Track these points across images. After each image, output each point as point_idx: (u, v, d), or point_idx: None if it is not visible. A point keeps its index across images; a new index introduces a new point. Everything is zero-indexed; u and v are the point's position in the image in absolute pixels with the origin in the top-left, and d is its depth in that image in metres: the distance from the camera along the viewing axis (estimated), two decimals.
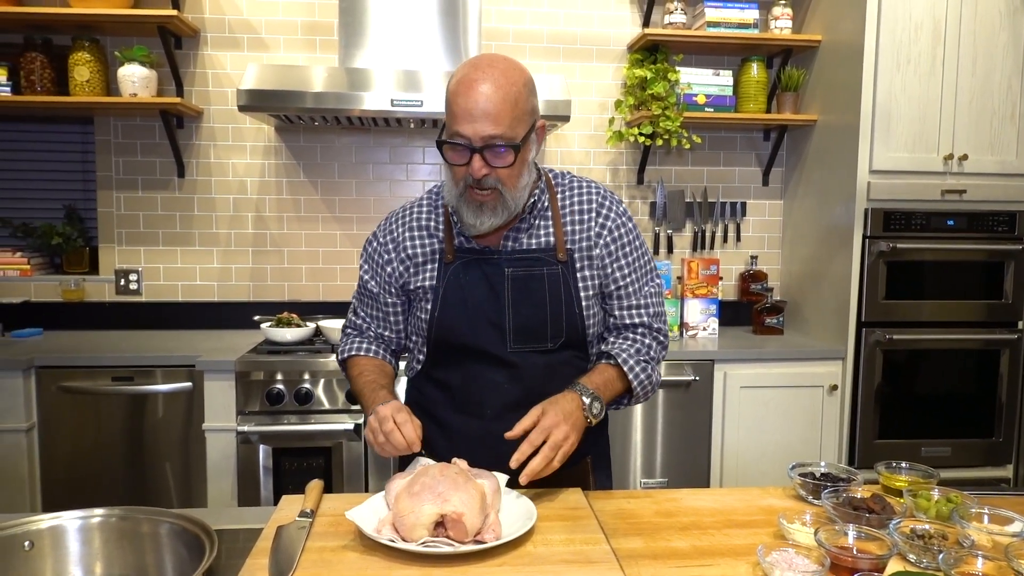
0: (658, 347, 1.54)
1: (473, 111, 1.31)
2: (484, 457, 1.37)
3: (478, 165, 1.34)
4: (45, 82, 2.91)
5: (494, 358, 1.45)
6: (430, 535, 1.12)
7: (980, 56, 2.83)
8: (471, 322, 1.45)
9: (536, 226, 1.49)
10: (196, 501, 2.65)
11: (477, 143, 1.33)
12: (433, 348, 1.51)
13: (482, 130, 1.32)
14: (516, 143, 1.34)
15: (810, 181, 3.24)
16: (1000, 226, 2.91)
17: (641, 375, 1.48)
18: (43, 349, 2.72)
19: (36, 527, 1.08)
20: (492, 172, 1.35)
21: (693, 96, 3.15)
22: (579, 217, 1.51)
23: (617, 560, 1.12)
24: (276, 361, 2.62)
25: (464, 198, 1.39)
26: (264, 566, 1.06)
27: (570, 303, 1.46)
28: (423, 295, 1.50)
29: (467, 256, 1.48)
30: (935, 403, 2.95)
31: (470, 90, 1.32)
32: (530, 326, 1.45)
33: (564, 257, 1.48)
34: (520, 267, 1.46)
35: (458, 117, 1.33)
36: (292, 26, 3.19)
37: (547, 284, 1.45)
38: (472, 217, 1.39)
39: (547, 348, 1.46)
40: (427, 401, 1.54)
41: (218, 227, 3.23)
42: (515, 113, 1.34)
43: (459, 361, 1.48)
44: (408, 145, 3.29)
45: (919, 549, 1.09)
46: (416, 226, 1.53)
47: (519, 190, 1.41)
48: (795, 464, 1.43)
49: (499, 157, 1.34)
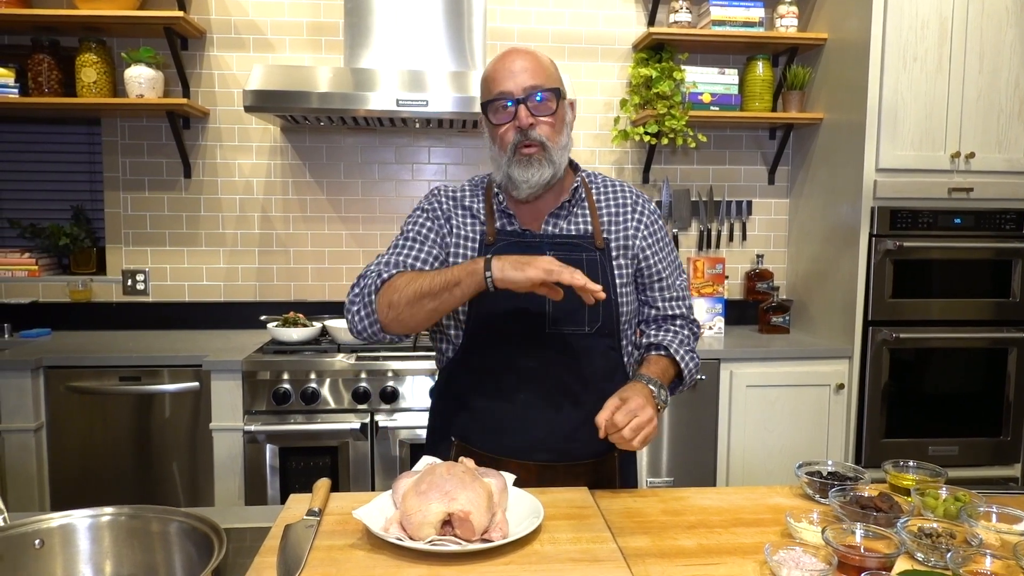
0: (694, 338, 1.64)
1: (512, 68, 1.44)
2: (516, 443, 1.43)
3: (524, 114, 1.43)
4: (52, 84, 2.93)
5: (530, 342, 1.48)
6: (437, 534, 1.12)
7: (987, 53, 2.82)
8: (509, 304, 1.47)
9: (575, 214, 1.56)
10: (203, 500, 2.66)
11: (519, 94, 1.43)
12: (471, 332, 1.52)
13: (522, 82, 1.43)
14: (556, 88, 1.45)
15: (816, 180, 3.23)
16: (1008, 224, 2.90)
17: (690, 363, 1.57)
18: (51, 349, 2.73)
19: (46, 525, 1.09)
20: (536, 123, 1.44)
21: (698, 95, 3.15)
22: (615, 211, 1.58)
23: (624, 559, 1.12)
24: (282, 361, 2.62)
25: (513, 160, 1.46)
26: (272, 564, 1.07)
27: (607, 289, 1.48)
28: None
29: (508, 238, 1.52)
30: (942, 402, 2.94)
31: (505, 58, 1.46)
32: (569, 309, 1.46)
33: (602, 245, 1.53)
34: (560, 251, 1.50)
35: (498, 78, 1.45)
36: (298, 27, 3.19)
37: (586, 268, 1.47)
38: (523, 173, 1.45)
39: (584, 332, 1.48)
40: (460, 388, 1.56)
41: (224, 227, 3.24)
42: (550, 70, 1.48)
43: (495, 346, 1.50)
44: (413, 145, 3.29)
45: (927, 548, 1.09)
46: (460, 203, 1.57)
47: (561, 147, 1.48)
48: (802, 463, 1.43)
49: (542, 106, 1.44)
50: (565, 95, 1.50)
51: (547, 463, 1.49)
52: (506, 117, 1.45)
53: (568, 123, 1.52)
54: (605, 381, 1.51)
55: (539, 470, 1.48)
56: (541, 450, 1.48)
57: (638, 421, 1.31)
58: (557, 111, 1.46)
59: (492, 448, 1.49)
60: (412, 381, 2.64)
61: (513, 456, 1.48)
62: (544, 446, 1.48)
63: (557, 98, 1.46)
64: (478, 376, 1.52)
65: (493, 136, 1.49)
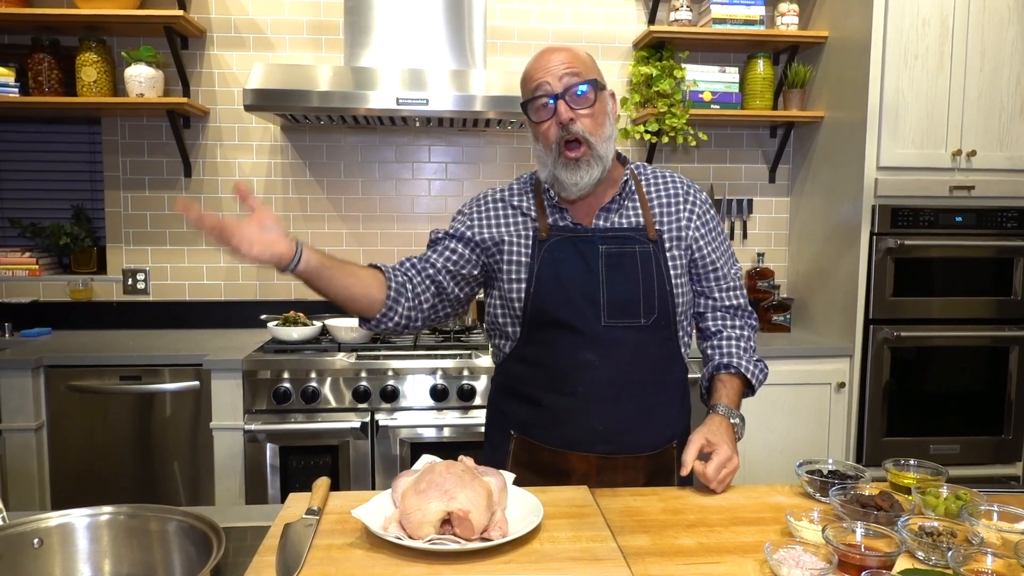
0: (753, 332, 1.65)
1: (548, 63, 1.44)
2: (578, 434, 1.46)
3: (563, 108, 1.43)
4: (53, 83, 2.93)
5: (587, 335, 1.48)
6: (437, 532, 1.12)
7: (988, 51, 2.81)
8: (566, 297, 1.48)
9: (625, 207, 1.56)
10: (204, 499, 2.66)
11: (558, 89, 1.43)
12: (527, 326, 1.53)
13: (559, 72, 1.43)
14: (594, 79, 1.45)
15: (817, 178, 3.22)
16: (1009, 222, 2.89)
17: (759, 375, 1.59)
18: (52, 348, 2.73)
19: (45, 525, 1.09)
20: (577, 118, 1.43)
21: (699, 93, 3.15)
22: (667, 201, 1.58)
23: (624, 557, 1.11)
24: (283, 360, 2.62)
25: (559, 162, 1.46)
26: (271, 563, 1.07)
27: (662, 280, 1.50)
28: (516, 270, 1.53)
29: (561, 234, 1.52)
30: (943, 400, 2.93)
31: (542, 55, 1.47)
32: (625, 301, 1.48)
33: (654, 236, 1.53)
34: (613, 244, 1.51)
35: (536, 73, 1.45)
36: (298, 25, 3.19)
37: (639, 261, 1.50)
38: (571, 176, 1.46)
39: (640, 324, 1.49)
40: (518, 381, 1.57)
41: None
42: (587, 63, 1.47)
43: (552, 339, 1.51)
44: (414, 144, 3.29)
45: (928, 546, 1.09)
46: (507, 204, 1.59)
47: (604, 140, 1.47)
48: (802, 462, 1.43)
49: (581, 98, 1.43)
50: (604, 86, 1.49)
51: (606, 455, 1.50)
52: (546, 114, 1.45)
53: (610, 114, 1.51)
54: (662, 373, 1.53)
55: (599, 462, 1.49)
56: (600, 442, 1.49)
57: (725, 473, 1.39)
58: (597, 103, 1.45)
59: (552, 441, 1.50)
60: (412, 380, 2.64)
61: (573, 448, 1.50)
62: (603, 438, 1.49)
63: (596, 89, 1.45)
64: (536, 370, 1.53)
65: (536, 134, 1.50)
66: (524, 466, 1.54)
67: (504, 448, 1.57)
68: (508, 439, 1.57)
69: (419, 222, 3.32)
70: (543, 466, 1.52)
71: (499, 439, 1.60)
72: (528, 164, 3.34)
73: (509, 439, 1.57)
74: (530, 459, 1.54)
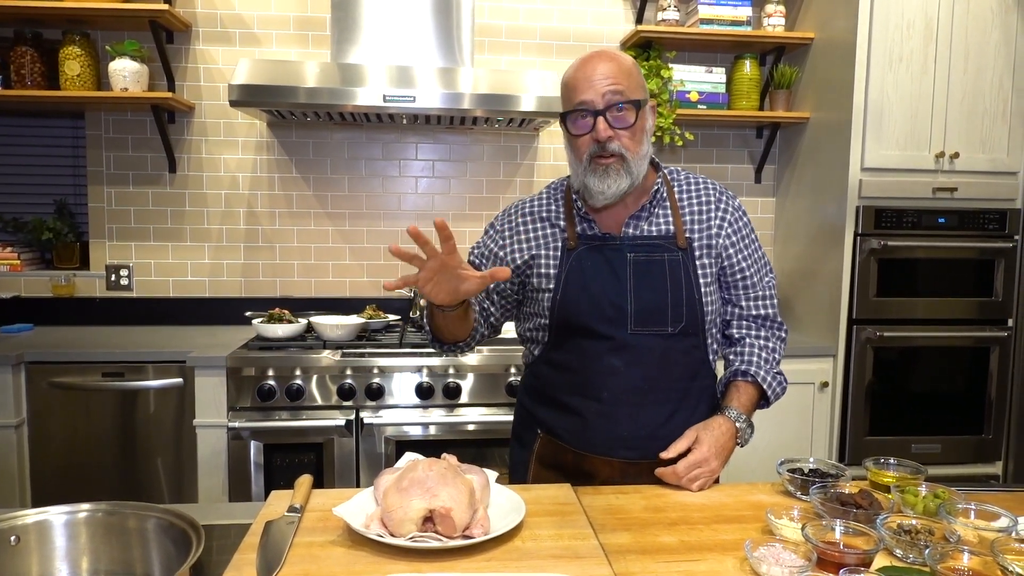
0: (781, 343, 1.63)
1: (592, 76, 1.41)
2: (601, 439, 1.47)
3: (603, 127, 1.41)
4: (35, 76, 2.90)
5: (614, 341, 1.48)
6: (418, 530, 1.12)
7: (972, 54, 2.84)
8: (593, 304, 1.49)
9: (656, 214, 1.54)
10: (187, 497, 2.64)
11: (600, 105, 1.41)
12: (555, 331, 1.54)
13: (603, 88, 1.40)
14: (637, 100, 1.42)
15: (802, 179, 3.24)
16: (991, 224, 2.92)
17: (776, 387, 1.57)
18: (33, 344, 2.71)
19: (22, 522, 1.08)
20: (615, 136, 1.42)
21: (686, 93, 3.16)
22: (698, 208, 1.56)
23: (605, 555, 1.12)
24: (268, 357, 2.61)
25: (590, 168, 1.45)
26: (252, 561, 1.06)
27: (690, 288, 1.49)
28: (545, 281, 1.54)
29: (589, 242, 1.53)
30: (925, 400, 2.96)
31: (587, 64, 1.44)
32: (652, 309, 1.48)
33: (684, 244, 1.52)
34: (641, 252, 1.50)
35: (579, 87, 1.43)
36: (284, 21, 3.18)
37: (668, 269, 1.49)
38: (599, 183, 1.45)
39: (667, 332, 1.49)
40: (546, 384, 1.58)
41: (210, 222, 3.22)
42: (632, 78, 1.44)
43: (579, 344, 1.51)
44: (401, 141, 3.28)
45: (906, 544, 1.10)
46: (536, 216, 1.59)
47: (640, 157, 1.46)
48: (783, 460, 1.44)
49: (621, 117, 1.42)
50: (647, 101, 1.47)
51: (631, 460, 1.50)
52: (585, 128, 1.43)
53: (648, 130, 1.49)
54: (689, 380, 1.53)
55: (623, 467, 1.50)
56: (625, 447, 1.50)
57: (697, 473, 1.41)
58: (637, 121, 1.43)
59: (577, 443, 1.51)
60: (398, 378, 2.63)
61: (597, 452, 1.50)
62: (628, 444, 1.50)
63: (637, 109, 1.43)
64: (563, 373, 1.54)
65: (571, 144, 1.48)
66: (548, 465, 1.56)
67: (530, 446, 1.59)
68: (535, 438, 1.59)
69: (406, 220, 3.31)
70: (566, 467, 1.53)
71: (527, 437, 1.62)
72: (515, 163, 3.34)
73: (536, 438, 1.59)
74: (554, 459, 1.56)
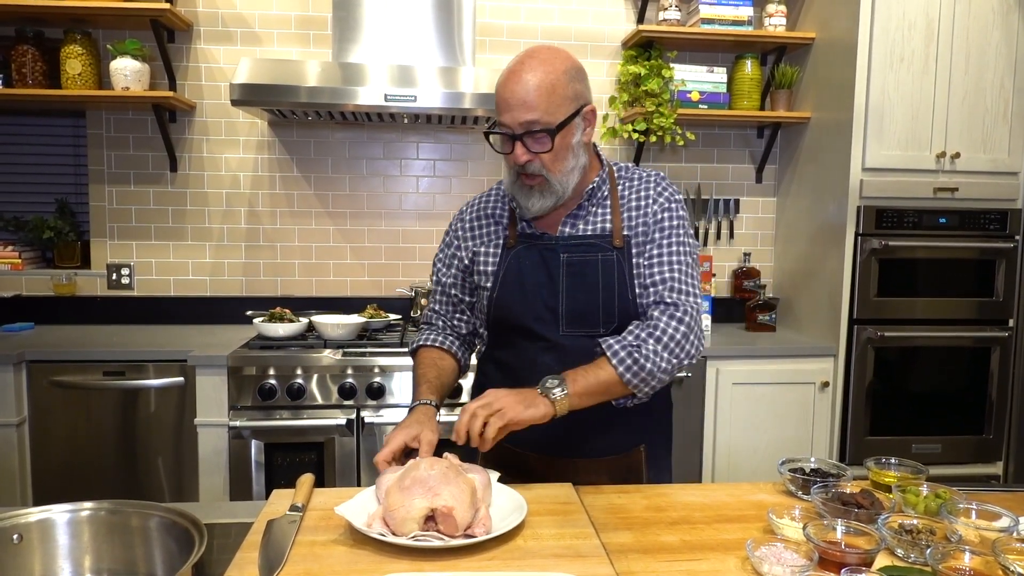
0: (669, 321, 1.43)
1: (510, 100, 1.39)
2: (536, 437, 1.44)
3: (519, 152, 1.41)
4: (37, 75, 2.90)
5: (547, 340, 1.50)
6: (420, 529, 1.12)
7: (973, 54, 2.84)
8: (527, 304, 1.50)
9: (594, 213, 1.53)
10: (188, 496, 2.65)
11: (517, 130, 1.40)
12: (492, 329, 1.59)
13: (519, 116, 1.38)
14: (552, 128, 1.39)
15: (803, 178, 3.24)
16: (992, 224, 2.92)
17: (627, 359, 1.38)
18: (34, 343, 2.71)
19: (25, 520, 1.08)
20: (534, 158, 1.41)
21: (687, 93, 3.16)
22: (636, 204, 1.53)
23: (607, 554, 1.12)
24: (268, 356, 2.61)
25: (517, 184, 1.47)
26: (254, 560, 1.06)
27: (623, 289, 1.48)
28: (484, 278, 1.56)
29: (527, 241, 1.53)
30: (926, 400, 2.96)
31: (508, 81, 1.41)
32: (583, 310, 1.48)
33: (620, 243, 1.50)
34: (576, 252, 1.50)
35: (499, 107, 1.42)
36: (286, 20, 3.18)
37: (601, 270, 1.48)
38: (524, 200, 1.47)
39: (599, 333, 1.48)
40: (488, 381, 1.59)
41: (211, 222, 3.22)
42: (552, 99, 1.38)
43: (515, 342, 1.54)
44: (402, 140, 3.28)
45: (907, 544, 1.10)
46: (484, 214, 1.61)
47: (564, 174, 1.45)
48: (785, 460, 1.44)
49: (538, 143, 1.40)
50: (570, 119, 1.41)
51: (566, 458, 1.51)
52: (505, 148, 1.44)
53: (574, 145, 1.44)
54: None
55: (558, 464, 1.50)
56: (559, 446, 1.50)
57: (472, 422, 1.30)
58: (556, 144, 1.40)
59: (514, 441, 1.48)
60: (399, 377, 2.63)
61: (532, 450, 1.51)
62: (562, 442, 1.50)
63: (553, 136, 1.38)
64: (502, 371, 1.57)
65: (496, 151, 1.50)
66: (492, 463, 1.53)
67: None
68: None
69: (407, 219, 3.31)
70: (507, 465, 1.52)
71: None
72: None
73: None
74: (497, 457, 1.53)
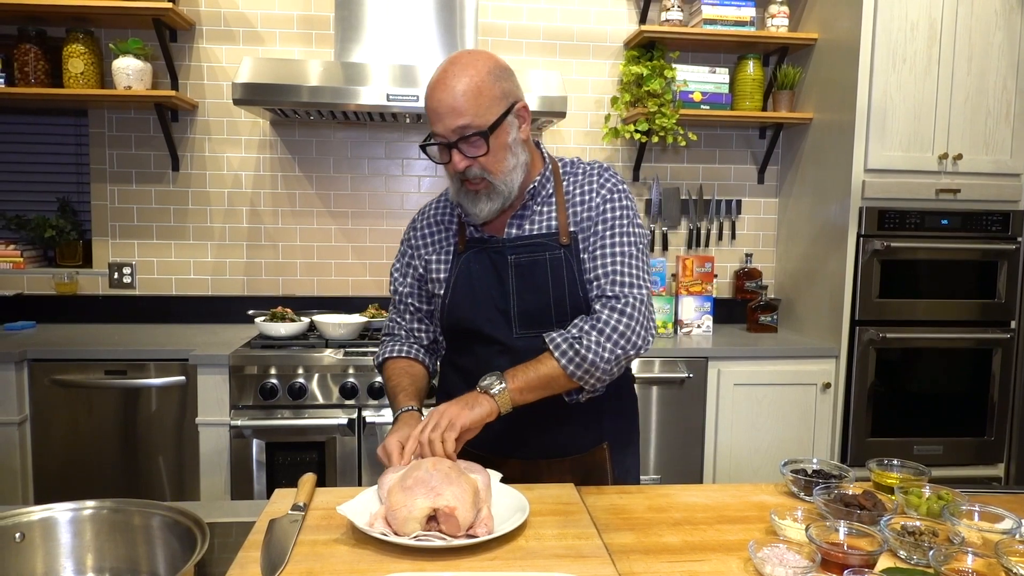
0: (611, 314, 1.40)
1: (439, 108, 1.37)
2: (497, 439, 1.45)
3: (457, 159, 1.40)
4: (39, 74, 2.90)
5: (501, 344, 1.49)
6: (422, 529, 1.12)
7: (975, 56, 2.84)
8: (479, 309, 1.50)
9: (539, 212, 1.52)
10: (189, 495, 2.65)
11: (451, 137, 1.38)
12: (448, 335, 1.60)
13: (450, 123, 1.37)
14: (484, 130, 1.38)
15: (805, 179, 3.24)
16: (994, 226, 2.92)
17: (568, 351, 1.37)
18: (36, 342, 2.71)
19: (27, 519, 1.08)
20: (472, 163, 1.40)
21: (689, 93, 3.15)
22: (581, 198, 1.52)
23: (609, 554, 1.12)
24: (270, 355, 2.61)
25: (462, 191, 1.46)
26: (256, 559, 1.06)
27: (573, 287, 1.47)
28: (438, 285, 1.57)
29: (476, 246, 1.53)
30: (928, 402, 2.96)
31: (434, 90, 1.39)
32: (534, 311, 1.48)
33: (567, 241, 1.49)
34: (523, 253, 1.49)
35: (431, 118, 1.40)
36: (288, 20, 3.18)
37: (550, 269, 1.47)
38: (472, 207, 1.45)
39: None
40: (449, 385, 1.61)
41: (212, 221, 3.22)
42: (480, 101, 1.37)
43: (471, 347, 1.54)
44: (404, 140, 3.28)
45: (910, 545, 1.10)
46: (434, 221, 1.62)
47: (505, 174, 1.44)
48: (787, 461, 1.43)
49: (473, 147, 1.39)
50: (503, 117, 1.39)
51: (530, 459, 1.52)
52: (443, 157, 1.42)
53: (511, 144, 1.42)
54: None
55: (522, 466, 1.50)
56: (520, 446, 1.52)
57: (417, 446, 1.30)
58: (492, 144, 1.38)
59: (476, 444, 1.48)
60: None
61: (495, 453, 1.50)
62: (524, 443, 1.51)
63: (486, 138, 1.37)
64: (461, 374, 1.57)
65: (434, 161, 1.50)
66: None
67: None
68: None
69: (408, 219, 3.29)
70: None
71: None
72: None
73: None
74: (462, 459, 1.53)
